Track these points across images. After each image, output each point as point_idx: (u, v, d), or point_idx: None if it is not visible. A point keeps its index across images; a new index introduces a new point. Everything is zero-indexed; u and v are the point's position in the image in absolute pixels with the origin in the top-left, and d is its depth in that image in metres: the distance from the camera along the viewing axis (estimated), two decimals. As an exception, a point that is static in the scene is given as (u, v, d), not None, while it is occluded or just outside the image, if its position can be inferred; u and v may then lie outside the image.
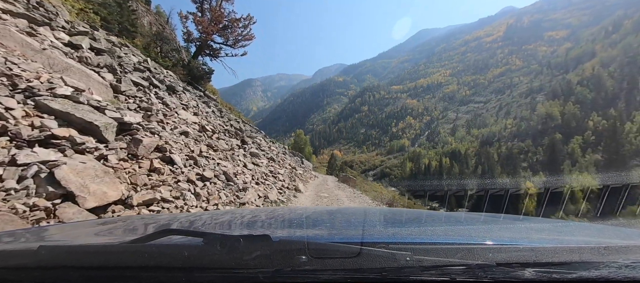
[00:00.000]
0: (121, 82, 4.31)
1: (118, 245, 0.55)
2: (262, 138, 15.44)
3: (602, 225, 0.98)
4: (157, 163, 2.95)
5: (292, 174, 10.24)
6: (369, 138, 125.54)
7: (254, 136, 12.78)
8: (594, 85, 71.24)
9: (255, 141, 10.69)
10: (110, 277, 0.44)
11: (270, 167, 7.58)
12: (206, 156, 4.26)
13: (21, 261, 0.47)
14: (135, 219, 1.08)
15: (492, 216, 1.14)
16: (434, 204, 41.27)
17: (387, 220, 1.02)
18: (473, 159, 70.89)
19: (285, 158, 14.81)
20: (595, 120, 58.93)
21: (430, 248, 0.49)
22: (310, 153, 46.50)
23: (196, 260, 0.44)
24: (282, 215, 1.10)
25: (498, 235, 0.75)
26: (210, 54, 18.42)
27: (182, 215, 1.28)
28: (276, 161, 9.53)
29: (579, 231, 0.86)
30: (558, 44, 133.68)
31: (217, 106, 13.68)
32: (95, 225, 0.93)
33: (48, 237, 0.73)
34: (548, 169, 51.40)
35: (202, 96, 13.27)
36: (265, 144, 12.89)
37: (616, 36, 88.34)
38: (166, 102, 4.98)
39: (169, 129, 4.17)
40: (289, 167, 12.26)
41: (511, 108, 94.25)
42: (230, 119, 11.56)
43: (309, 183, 12.18)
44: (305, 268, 0.43)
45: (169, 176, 2.97)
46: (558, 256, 0.47)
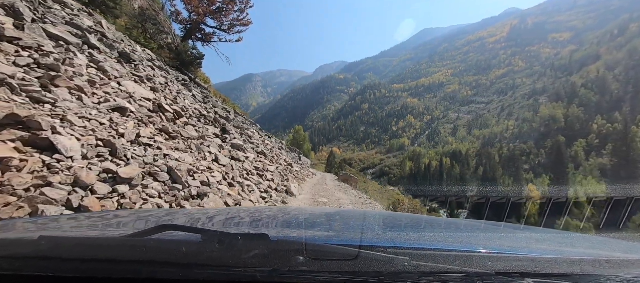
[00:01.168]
0: (24, 30, 2.88)
1: (118, 238, 0.55)
2: (256, 130, 14.00)
3: (603, 237, 0.97)
4: (7, 149, 1.54)
5: (286, 172, 8.88)
6: (368, 136, 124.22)
7: (245, 127, 11.35)
8: (598, 88, 70.09)
9: (245, 133, 9.29)
10: (109, 269, 0.44)
11: (258, 163, 6.18)
12: (148, 144, 2.84)
13: (20, 250, 0.47)
14: (134, 213, 1.07)
15: (492, 224, 1.15)
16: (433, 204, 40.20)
17: (386, 224, 1.03)
18: (474, 160, 69.77)
19: (280, 153, 13.42)
20: (599, 123, 57.83)
21: (429, 254, 0.49)
22: (309, 150, 45.22)
23: (194, 256, 0.44)
24: (281, 215, 1.12)
25: (498, 243, 0.74)
26: (202, 39, 16.85)
27: (181, 210, 1.23)
28: (268, 157, 8.16)
29: (580, 243, 0.85)
30: (561, 46, 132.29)
31: (204, 93, 12.22)
32: (95, 217, 0.92)
33: (47, 227, 0.73)
34: (551, 172, 50.36)
35: (188, 81, 11.81)
36: (258, 138, 11.47)
37: (621, 39, 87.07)
38: (104, 68, 3.55)
39: (91, 101, 2.76)
40: (283, 163, 10.88)
41: (513, 109, 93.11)
42: (216, 106, 10.13)
43: (305, 182, 10.80)
44: (303, 268, 0.43)
45: (30, 175, 1.57)
46: (558, 267, 0.46)
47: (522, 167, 57.10)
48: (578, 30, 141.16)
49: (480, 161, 66.62)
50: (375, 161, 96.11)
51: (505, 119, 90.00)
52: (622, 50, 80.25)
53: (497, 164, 59.96)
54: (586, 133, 57.50)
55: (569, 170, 45.85)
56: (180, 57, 13.60)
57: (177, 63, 13.46)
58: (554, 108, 71.71)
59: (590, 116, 62.30)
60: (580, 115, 64.11)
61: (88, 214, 1.05)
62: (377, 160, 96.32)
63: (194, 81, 14.51)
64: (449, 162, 70.41)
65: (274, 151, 12.04)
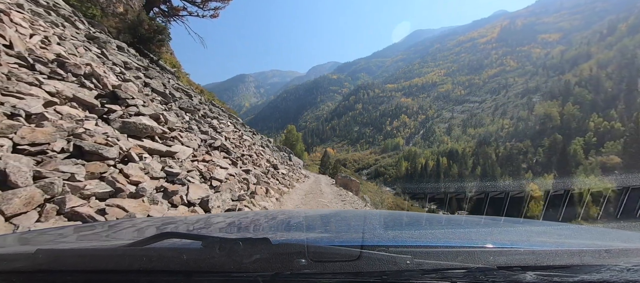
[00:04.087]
0: None
1: (117, 248, 0.55)
2: (233, 124, 11.21)
3: (603, 228, 0.98)
4: None
5: (264, 177, 6.23)
6: (362, 136, 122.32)
7: (217, 117, 8.61)
8: (593, 86, 70.01)
9: (210, 124, 6.57)
10: (109, 280, 0.43)
11: (204, 163, 3.53)
12: None
13: (18, 265, 0.46)
14: (132, 221, 1.08)
15: (493, 219, 1.15)
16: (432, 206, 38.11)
17: (387, 223, 1.03)
18: (471, 159, 68.43)
19: (263, 152, 10.69)
20: (596, 121, 57.26)
21: (431, 252, 0.49)
22: (302, 150, 42.62)
23: (195, 263, 0.43)
24: (282, 218, 1.11)
25: (498, 238, 0.75)
26: (168, 13, 13.95)
27: (180, 218, 1.20)
28: (234, 155, 5.50)
29: (580, 234, 0.86)
30: (551, 46, 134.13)
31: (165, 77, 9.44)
32: (93, 228, 0.91)
33: (45, 240, 0.71)
34: (549, 171, 49.14)
35: (140, 58, 8.95)
36: (231, 130, 8.73)
37: (611, 39, 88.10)
38: None
39: None
40: (265, 165, 8.17)
41: (507, 108, 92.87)
42: (167, 82, 7.35)
43: (292, 189, 8.12)
44: (305, 271, 0.43)
45: None
46: (559, 259, 0.47)
47: (521, 166, 55.88)
48: (566, 31, 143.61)
49: (478, 161, 65.29)
50: (370, 161, 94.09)
51: (499, 117, 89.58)
52: (613, 49, 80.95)
53: (495, 163, 58.61)
54: (583, 131, 56.78)
55: (570, 169, 44.54)
56: (136, 31, 10.69)
57: (133, 39, 10.58)
58: (550, 107, 71.27)
59: (586, 114, 61.81)
60: (576, 113, 63.61)
61: (86, 225, 1.05)
62: (372, 160, 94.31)
63: (157, 63, 11.64)
64: (446, 162, 68.88)
65: (254, 149, 9.31)
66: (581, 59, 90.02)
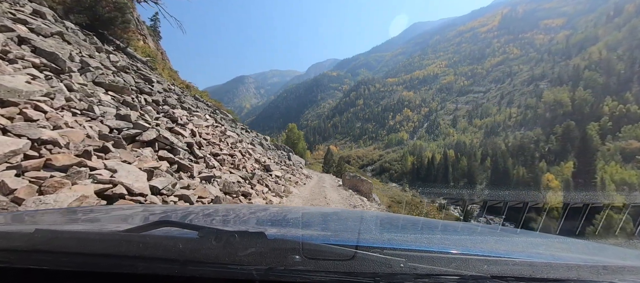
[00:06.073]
0: None
1: (115, 232, 0.54)
2: (217, 119, 9.33)
3: (600, 243, 0.98)
4: None
5: (244, 185, 4.37)
6: (365, 132, 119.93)
7: (170, 104, 6.76)
8: (603, 69, 67.03)
9: (162, 111, 4.70)
10: (106, 264, 0.43)
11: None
12: None
13: (16, 243, 0.46)
14: (130, 208, 1.08)
15: (489, 227, 1.20)
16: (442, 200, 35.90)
17: (383, 225, 1.03)
18: (479, 150, 65.99)
19: (253, 150, 8.82)
20: (611, 105, 54.52)
21: (425, 256, 0.48)
22: (304, 149, 40.67)
23: (191, 253, 0.44)
24: (279, 214, 1.13)
25: (494, 247, 0.75)
26: (139, -5, 12.08)
27: (178, 207, 1.22)
28: (186, 154, 3.64)
29: (576, 248, 0.85)
30: (555, 32, 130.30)
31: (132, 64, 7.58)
32: (91, 212, 0.91)
33: (44, 221, 0.71)
34: (564, 159, 46.70)
35: (96, 39, 7.10)
36: (207, 124, 6.85)
37: (619, 20, 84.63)
38: None
39: None
40: (250, 167, 6.28)
41: (514, 97, 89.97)
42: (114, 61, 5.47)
43: (289, 196, 6.20)
44: (299, 268, 0.43)
45: None
46: (555, 272, 0.46)
47: (534, 155, 53.42)
48: (570, 16, 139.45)
49: (487, 152, 62.84)
50: (374, 157, 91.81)
51: (506, 107, 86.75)
52: (622, 30, 77.67)
53: (506, 154, 56.18)
54: (598, 116, 54.05)
55: (590, 155, 42.00)
56: (94, 11, 8.81)
57: (93, 21, 8.71)
58: (559, 92, 68.48)
59: (599, 98, 59.02)
60: (588, 98, 60.81)
61: (85, 208, 1.05)
62: (376, 156, 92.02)
63: (125, 51, 9.76)
64: (454, 155, 66.50)
65: (239, 147, 7.41)
66: (588, 43, 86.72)
